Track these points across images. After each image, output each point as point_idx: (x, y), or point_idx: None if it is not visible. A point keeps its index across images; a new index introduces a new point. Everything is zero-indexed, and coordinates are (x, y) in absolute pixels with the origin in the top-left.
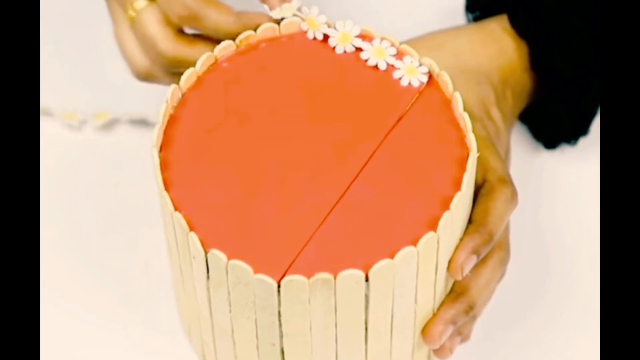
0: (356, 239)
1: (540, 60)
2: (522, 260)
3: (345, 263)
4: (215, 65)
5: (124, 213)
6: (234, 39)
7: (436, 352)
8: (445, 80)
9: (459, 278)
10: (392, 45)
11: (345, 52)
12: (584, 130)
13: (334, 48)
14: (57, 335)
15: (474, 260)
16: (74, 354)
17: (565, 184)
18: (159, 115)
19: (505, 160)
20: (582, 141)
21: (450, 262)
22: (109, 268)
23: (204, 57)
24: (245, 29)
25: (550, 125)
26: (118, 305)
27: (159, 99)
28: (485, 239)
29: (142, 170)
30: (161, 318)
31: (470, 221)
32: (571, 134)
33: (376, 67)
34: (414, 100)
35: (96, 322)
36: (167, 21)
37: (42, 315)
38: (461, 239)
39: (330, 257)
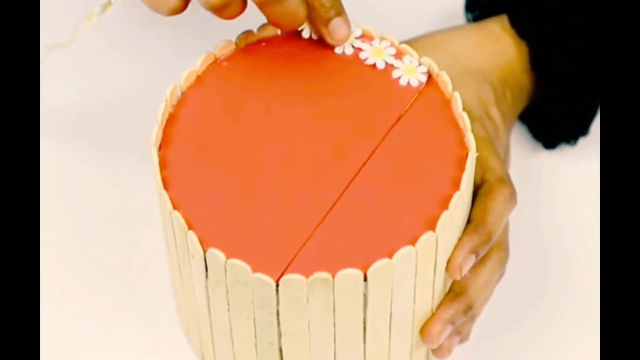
0: (355, 238)
1: (540, 60)
2: (522, 260)
3: (344, 262)
4: (214, 64)
5: (124, 213)
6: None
7: (435, 352)
8: (445, 80)
9: (458, 278)
10: (392, 45)
11: (344, 53)
12: (583, 130)
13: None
14: (57, 335)
15: (472, 260)
16: (73, 354)
17: (565, 184)
18: (158, 114)
19: (504, 160)
20: (582, 141)
21: (449, 261)
22: (109, 268)
23: (204, 57)
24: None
25: (550, 125)
26: (117, 305)
27: (159, 96)
28: (484, 239)
29: (141, 170)
30: (160, 317)
31: (469, 221)
32: (571, 134)
33: (375, 66)
34: (413, 99)
35: (95, 322)
36: None
37: (42, 315)
38: (460, 239)
39: (328, 256)
